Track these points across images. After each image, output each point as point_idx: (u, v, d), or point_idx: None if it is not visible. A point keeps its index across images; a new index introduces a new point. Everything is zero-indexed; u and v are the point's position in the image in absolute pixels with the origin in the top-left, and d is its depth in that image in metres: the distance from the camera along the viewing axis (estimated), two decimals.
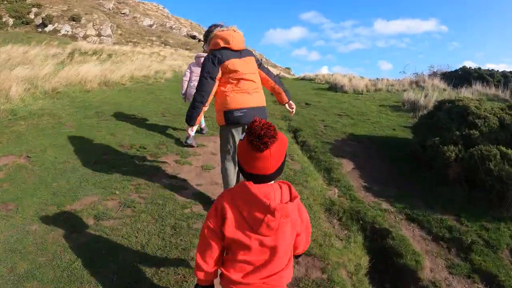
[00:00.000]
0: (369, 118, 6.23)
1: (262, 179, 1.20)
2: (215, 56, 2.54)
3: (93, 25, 29.96)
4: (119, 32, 32.33)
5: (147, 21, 36.25)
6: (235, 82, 2.55)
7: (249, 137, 1.14)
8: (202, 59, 3.22)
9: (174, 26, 38.35)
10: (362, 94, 10.35)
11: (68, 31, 28.26)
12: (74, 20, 29.64)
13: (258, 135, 1.12)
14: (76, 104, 5.66)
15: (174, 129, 4.77)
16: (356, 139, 4.70)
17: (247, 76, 2.56)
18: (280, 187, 1.24)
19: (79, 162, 3.25)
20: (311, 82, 19.60)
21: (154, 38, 34.07)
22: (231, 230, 1.20)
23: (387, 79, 14.12)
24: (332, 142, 4.56)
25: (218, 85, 2.59)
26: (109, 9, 35.27)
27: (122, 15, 35.77)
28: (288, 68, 54.51)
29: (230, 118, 2.54)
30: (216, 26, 2.71)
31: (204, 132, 4.87)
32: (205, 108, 2.60)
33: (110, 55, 15.14)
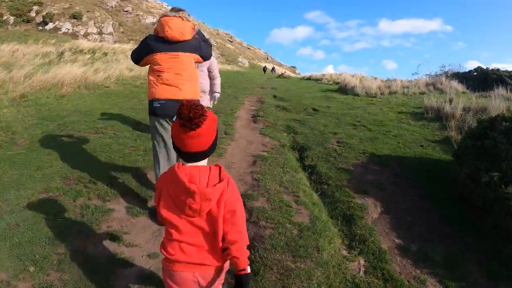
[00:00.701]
0: (389, 130, 5.24)
1: (199, 156, 1.25)
2: (147, 43, 2.52)
3: (94, 23, 29.29)
4: (121, 30, 31.60)
5: (150, 19, 35.47)
6: (158, 73, 2.52)
7: (180, 121, 1.17)
8: None
9: None
10: (375, 97, 9.31)
11: (68, 29, 27.62)
12: (75, 18, 28.98)
13: (188, 118, 1.15)
14: (42, 114, 4.78)
15: (145, 151, 3.60)
16: (379, 161, 3.69)
17: (171, 71, 2.50)
18: (210, 170, 1.25)
19: (4, 206, 2.35)
20: (318, 82, 18.46)
21: None
22: (165, 210, 1.25)
23: (401, 80, 13.02)
24: (349, 167, 3.52)
25: (148, 73, 2.61)
26: (112, 7, 34.58)
27: (125, 13, 35.06)
28: (294, 67, 53.47)
29: (150, 108, 2.55)
30: (172, 10, 2.57)
31: None
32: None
33: (105, 54, 14.32)
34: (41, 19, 28.12)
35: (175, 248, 1.25)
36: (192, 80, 2.59)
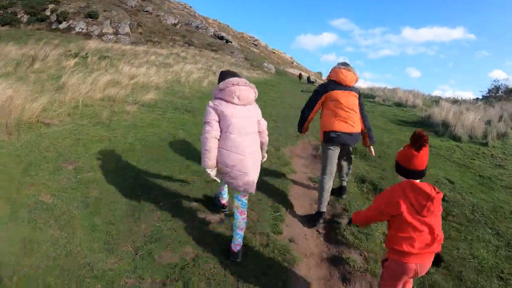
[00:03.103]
0: None
1: (418, 174, 1.82)
2: (323, 86, 3.33)
3: (110, 23, 27.19)
4: (139, 30, 29.40)
5: (171, 20, 33.20)
6: (335, 109, 3.20)
7: (413, 142, 1.80)
8: (240, 89, 2.55)
9: (200, 26, 35.01)
10: (487, 144, 5.79)
11: (82, 29, 25.59)
12: (90, 17, 27.00)
13: (419, 140, 1.78)
14: None
15: None
16: None
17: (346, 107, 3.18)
18: (428, 184, 1.79)
19: None
20: (370, 100, 14.74)
21: (177, 38, 30.85)
22: (407, 214, 1.75)
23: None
24: None
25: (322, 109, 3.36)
26: (132, 6, 32.56)
27: (145, 13, 32.95)
28: (320, 73, 49.74)
29: (326, 137, 3.21)
30: (343, 64, 3.33)
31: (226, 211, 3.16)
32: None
33: (104, 57, 11.55)
34: (55, 18, 26.29)
35: (410, 244, 1.75)
36: (358, 114, 3.28)
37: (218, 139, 2.49)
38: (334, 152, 3.22)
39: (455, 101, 13.63)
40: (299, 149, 5.52)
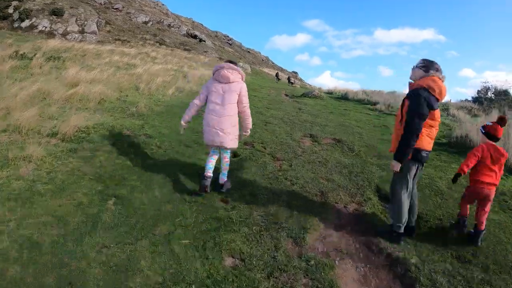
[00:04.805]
0: None
1: (497, 139, 3.25)
2: (430, 100, 2.88)
3: (76, 20, 26.39)
4: (108, 28, 28.74)
5: (142, 18, 32.60)
6: (431, 128, 3.01)
7: (499, 121, 3.28)
8: (224, 71, 3.71)
9: (173, 24, 34.54)
10: None
11: (46, 27, 24.76)
12: (55, 15, 26.10)
13: (503, 120, 3.27)
14: None
15: None
16: None
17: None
18: (502, 148, 3.32)
19: None
20: (360, 103, 13.88)
21: (148, 36, 30.33)
22: (487, 160, 3.20)
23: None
24: None
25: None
26: (100, 3, 31.67)
27: (115, 10, 32.16)
28: (296, 72, 50.23)
29: (418, 156, 2.99)
30: (435, 65, 2.99)
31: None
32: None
33: (55, 59, 10.87)
34: (18, 16, 25.21)
35: (485, 177, 3.17)
36: None
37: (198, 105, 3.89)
38: (416, 171, 3.10)
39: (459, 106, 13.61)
40: (341, 238, 3.26)
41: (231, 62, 3.88)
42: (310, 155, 5.55)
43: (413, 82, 3.08)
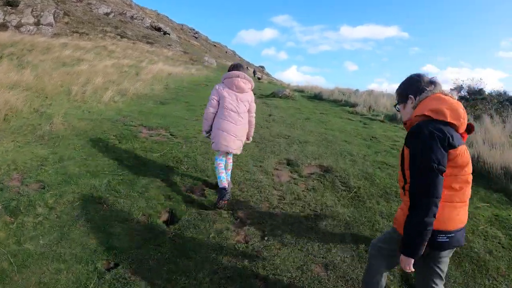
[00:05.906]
0: None
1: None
2: (444, 134, 1.66)
3: (32, 11, 26.03)
4: (66, 20, 28.52)
5: (103, 9, 32.38)
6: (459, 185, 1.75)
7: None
8: (238, 81, 3.70)
9: (136, 16, 34.50)
10: None
11: None
12: (9, 5, 25.65)
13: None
14: None
15: None
16: None
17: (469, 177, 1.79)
18: None
19: None
20: (340, 106, 12.25)
21: (108, 29, 30.35)
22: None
23: None
24: None
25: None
26: None
27: (75, 1, 31.69)
28: (262, 67, 51.12)
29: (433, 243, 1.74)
30: (424, 78, 1.91)
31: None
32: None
33: None
34: None
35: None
36: None
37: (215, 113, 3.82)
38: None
39: None
40: None
41: (240, 66, 3.86)
42: (292, 206, 3.85)
43: (408, 119, 1.90)
